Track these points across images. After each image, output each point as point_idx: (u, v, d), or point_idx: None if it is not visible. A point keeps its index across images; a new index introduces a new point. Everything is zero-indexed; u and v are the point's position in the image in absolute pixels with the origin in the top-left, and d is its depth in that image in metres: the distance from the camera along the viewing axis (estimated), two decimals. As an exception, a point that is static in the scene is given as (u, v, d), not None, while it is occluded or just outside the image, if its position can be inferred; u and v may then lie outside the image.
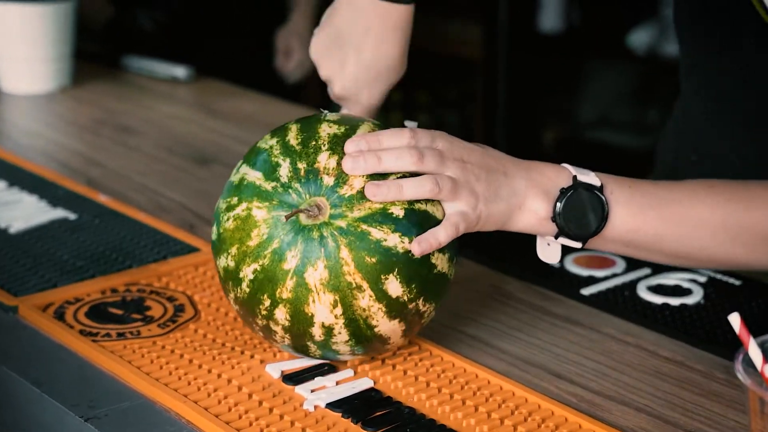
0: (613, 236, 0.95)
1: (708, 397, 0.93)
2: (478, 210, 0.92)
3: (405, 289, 0.89)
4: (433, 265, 0.91)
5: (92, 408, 0.90)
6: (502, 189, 0.92)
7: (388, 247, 0.88)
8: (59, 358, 0.98)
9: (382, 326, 0.90)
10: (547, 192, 0.93)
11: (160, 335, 1.01)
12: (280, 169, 0.90)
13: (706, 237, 0.95)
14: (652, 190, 0.95)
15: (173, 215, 1.30)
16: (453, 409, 0.90)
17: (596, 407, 0.92)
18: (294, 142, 0.91)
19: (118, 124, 1.65)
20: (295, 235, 0.88)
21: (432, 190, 0.90)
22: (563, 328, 1.05)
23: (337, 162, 0.90)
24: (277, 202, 0.89)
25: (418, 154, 0.90)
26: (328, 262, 0.88)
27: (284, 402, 0.91)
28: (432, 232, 0.90)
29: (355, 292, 0.88)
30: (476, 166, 0.92)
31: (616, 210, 0.94)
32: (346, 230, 0.88)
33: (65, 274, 1.12)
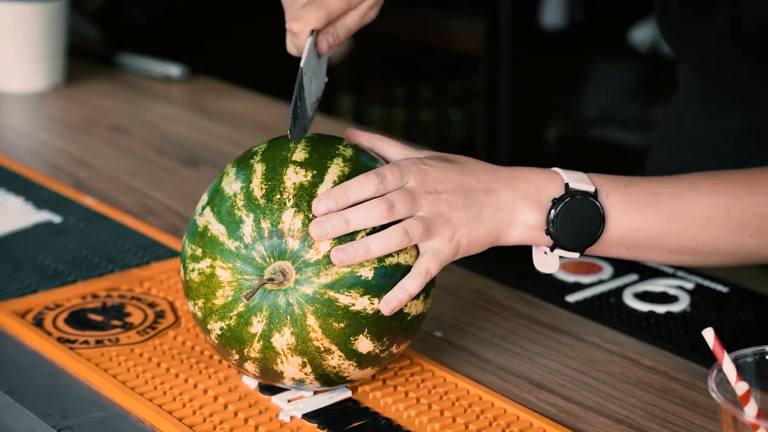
0: (612, 241, 0.92)
1: (689, 408, 0.92)
2: (455, 241, 0.88)
3: (376, 344, 0.87)
4: (406, 314, 0.88)
5: (65, 418, 0.89)
6: (484, 210, 0.89)
7: (357, 311, 0.85)
8: (34, 366, 0.97)
9: (354, 375, 0.89)
10: (538, 202, 0.90)
11: (138, 342, 1.00)
12: (243, 227, 0.86)
13: (710, 228, 0.92)
14: (650, 187, 0.92)
15: (159, 218, 1.29)
16: (431, 420, 0.89)
17: (576, 418, 0.90)
18: (258, 194, 0.86)
19: (109, 123, 1.64)
20: (261, 300, 0.85)
21: (401, 242, 0.86)
22: (547, 336, 1.04)
23: (302, 222, 0.85)
24: (241, 264, 0.86)
25: (387, 205, 0.86)
26: (294, 329, 0.85)
27: (260, 412, 0.90)
28: (400, 285, 0.86)
29: (324, 354, 0.86)
30: (451, 194, 0.89)
31: (613, 213, 0.91)
32: (312, 297, 0.85)
33: (46, 279, 1.12)
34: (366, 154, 0.92)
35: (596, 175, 0.92)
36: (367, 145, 0.94)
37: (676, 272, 1.14)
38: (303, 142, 0.90)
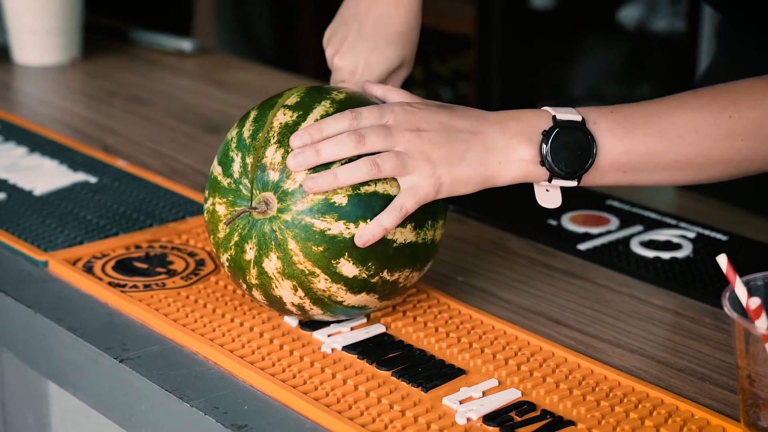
0: (607, 165, 0.94)
1: (697, 339, 1.00)
2: (435, 178, 0.92)
3: (361, 268, 0.93)
4: (391, 240, 0.93)
5: (125, 350, 0.96)
6: (471, 150, 0.92)
7: (333, 235, 0.92)
8: (90, 307, 1.04)
9: (349, 300, 0.95)
10: (529, 137, 0.93)
11: (184, 287, 1.07)
12: (233, 165, 0.94)
13: (700, 139, 0.94)
14: (636, 109, 0.95)
15: (187, 179, 1.36)
16: (461, 351, 0.97)
17: (593, 349, 0.98)
18: (246, 135, 0.95)
19: (128, 94, 1.71)
20: (250, 229, 0.94)
21: (369, 171, 0.90)
22: (561, 280, 1.12)
23: (282, 156, 0.92)
24: (232, 198, 0.94)
25: (356, 137, 0.91)
26: (279, 253, 0.93)
27: (303, 346, 0.97)
28: (376, 220, 0.91)
29: (310, 277, 0.93)
30: (435, 132, 0.92)
31: (603, 138, 0.94)
32: (291, 223, 0.92)
33: (90, 232, 1.19)
34: (362, 100, 0.97)
35: (585, 107, 0.96)
36: (381, 97, 1.00)
37: (678, 223, 1.22)
38: (302, 89, 0.98)
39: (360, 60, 1.09)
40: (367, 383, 0.92)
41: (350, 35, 1.10)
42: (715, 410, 0.88)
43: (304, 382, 0.92)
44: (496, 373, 0.93)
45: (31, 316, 1.03)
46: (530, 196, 1.10)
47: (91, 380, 0.98)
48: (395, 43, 1.10)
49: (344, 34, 1.11)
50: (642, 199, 1.29)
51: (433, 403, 0.89)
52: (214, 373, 0.93)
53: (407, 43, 1.11)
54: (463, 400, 0.89)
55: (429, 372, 0.93)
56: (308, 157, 0.91)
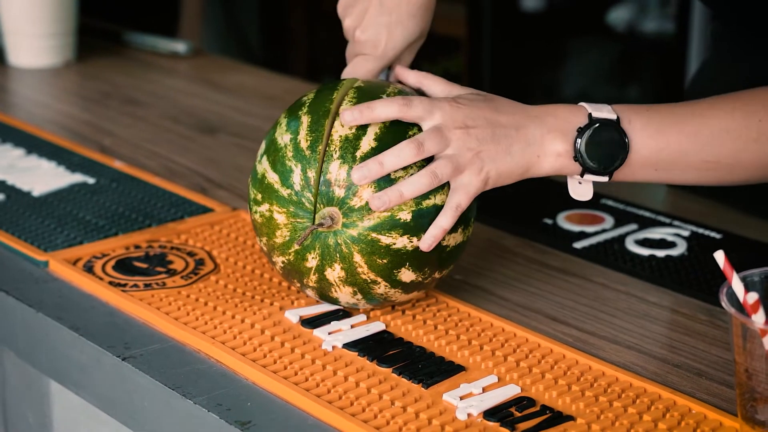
0: (638, 162, 0.98)
1: (692, 336, 1.01)
2: (484, 173, 0.96)
3: (418, 274, 0.98)
4: (445, 246, 0.98)
5: (128, 349, 0.97)
6: (514, 145, 0.97)
7: (398, 248, 0.96)
8: (91, 306, 1.05)
9: (401, 299, 1.01)
10: (565, 133, 0.97)
11: (184, 286, 1.08)
12: (292, 176, 0.96)
13: (731, 141, 0.97)
14: (670, 110, 0.98)
15: (185, 179, 1.37)
16: (460, 348, 0.98)
17: (591, 346, 1.00)
18: (304, 145, 0.96)
19: (124, 96, 1.72)
20: (314, 240, 0.97)
21: (431, 183, 0.94)
22: (558, 278, 1.13)
23: (346, 173, 0.95)
24: (293, 209, 0.97)
25: (416, 144, 0.94)
26: (343, 264, 0.96)
27: (304, 343, 0.98)
28: (435, 223, 0.95)
29: (372, 285, 0.97)
30: (481, 128, 0.96)
31: (637, 136, 0.97)
32: (357, 238, 0.95)
33: (89, 232, 1.19)
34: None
35: (620, 105, 0.99)
36: (415, 85, 1.03)
37: (672, 221, 1.23)
38: (350, 92, 0.99)
39: (382, 33, 1.09)
40: (369, 380, 0.93)
41: (371, 7, 1.10)
42: (712, 405, 0.89)
43: (306, 379, 0.92)
44: (495, 370, 0.94)
45: (32, 315, 1.04)
46: (526, 196, 1.12)
47: (93, 379, 0.99)
48: (416, 15, 1.10)
49: (365, 6, 1.11)
50: (636, 198, 1.31)
51: (434, 399, 0.90)
52: (216, 371, 0.94)
53: (427, 14, 1.12)
54: (464, 396, 0.90)
55: (429, 369, 0.94)
56: (372, 170, 0.94)
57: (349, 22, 1.12)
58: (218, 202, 1.28)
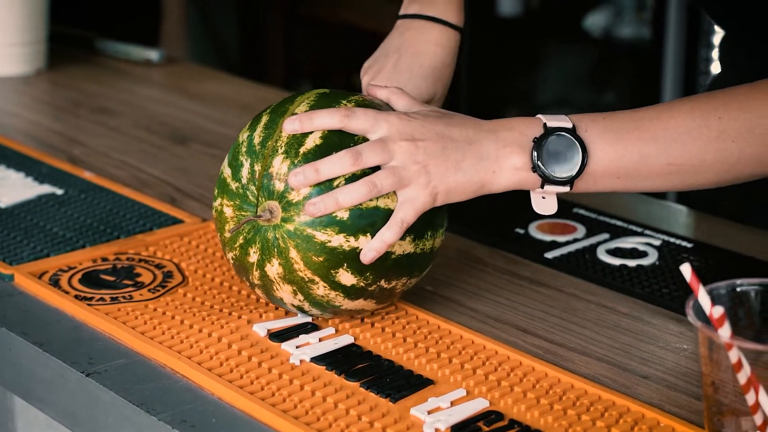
0: (599, 170, 0.96)
1: (662, 347, 1.01)
2: (431, 187, 0.94)
3: (359, 278, 0.96)
4: (389, 252, 0.96)
5: (92, 364, 0.96)
6: (465, 160, 0.95)
7: (333, 247, 0.95)
8: (56, 320, 1.04)
9: (347, 305, 0.99)
10: (521, 146, 0.96)
11: (151, 299, 1.07)
12: (242, 170, 0.97)
13: (692, 141, 0.95)
14: (628, 116, 0.97)
15: (155, 189, 1.36)
16: (429, 361, 0.97)
17: (560, 358, 0.99)
18: (256, 141, 0.97)
19: (95, 105, 1.70)
20: (255, 234, 0.97)
21: (368, 192, 0.94)
22: (529, 288, 1.12)
23: (288, 167, 0.95)
24: (239, 202, 0.97)
25: (353, 154, 0.94)
26: (281, 260, 0.96)
27: (271, 357, 0.97)
28: (378, 235, 0.94)
29: (310, 284, 0.96)
30: (430, 142, 0.95)
31: (595, 144, 0.96)
32: (293, 233, 0.95)
33: (56, 244, 1.18)
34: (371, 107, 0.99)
35: (578, 114, 0.98)
36: (385, 100, 1.03)
37: (644, 231, 1.23)
38: (313, 96, 1.00)
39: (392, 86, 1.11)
40: (336, 394, 0.92)
41: (387, 66, 1.14)
42: (681, 418, 0.89)
43: (273, 394, 0.92)
44: (464, 383, 0.94)
45: (-3, 330, 1.03)
46: (498, 205, 1.11)
47: (57, 395, 0.98)
48: (428, 77, 1.14)
49: (381, 65, 1.15)
50: (609, 207, 1.30)
51: (401, 413, 0.89)
52: (181, 386, 0.93)
53: (439, 78, 1.15)
54: (431, 411, 0.89)
55: (397, 382, 0.93)
56: (308, 176, 0.94)
57: (365, 80, 1.15)
58: (188, 213, 1.26)
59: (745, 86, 0.97)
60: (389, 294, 1.00)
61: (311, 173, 0.94)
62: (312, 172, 0.94)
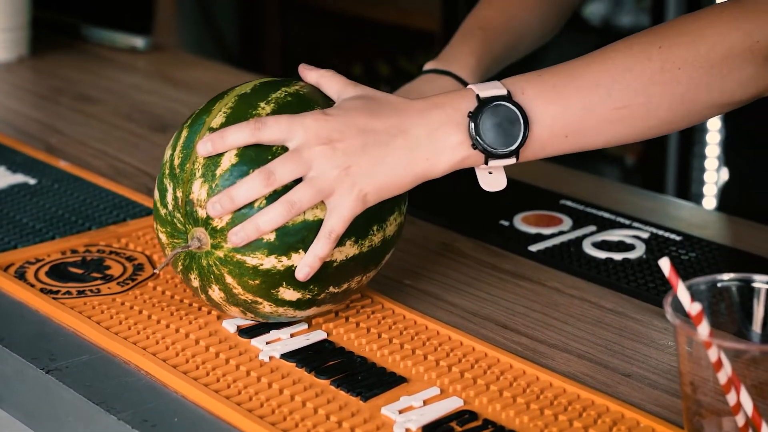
0: (544, 133, 0.90)
1: (645, 343, 0.97)
2: (357, 191, 0.88)
3: (303, 292, 0.92)
4: (330, 261, 0.91)
5: (53, 360, 0.92)
6: (391, 153, 0.89)
7: (267, 269, 0.90)
8: (19, 314, 1.00)
9: (301, 314, 0.95)
10: (456, 123, 0.89)
11: (119, 293, 1.03)
12: (167, 195, 0.93)
13: (636, 78, 0.89)
14: (564, 68, 0.91)
15: (132, 179, 1.33)
16: (403, 358, 0.93)
17: (540, 355, 0.95)
18: (176, 163, 0.92)
19: (77, 92, 1.67)
20: (191, 261, 0.93)
21: (289, 213, 0.88)
22: (511, 282, 1.09)
23: (207, 193, 0.90)
24: (170, 230, 0.93)
25: (265, 174, 0.88)
26: (219, 285, 0.92)
27: (240, 354, 0.94)
28: (310, 251, 0.89)
29: (254, 305, 0.93)
30: (350, 140, 0.88)
31: (534, 105, 0.89)
32: (224, 260, 0.91)
33: (25, 236, 1.15)
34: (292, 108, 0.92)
35: (510, 78, 0.91)
36: (315, 83, 0.96)
37: (632, 223, 1.19)
38: (230, 103, 0.93)
39: None
40: (305, 393, 0.88)
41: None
42: (662, 417, 0.85)
43: (239, 393, 0.88)
44: (438, 381, 0.90)
45: (-42, 324, 1.00)
46: (481, 193, 1.07)
47: (17, 392, 0.94)
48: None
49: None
50: (597, 198, 1.26)
51: (372, 413, 0.86)
52: (144, 384, 0.90)
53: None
54: (403, 410, 0.86)
55: (369, 380, 0.90)
56: (225, 205, 0.89)
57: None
58: (163, 204, 1.23)
59: (681, 16, 0.92)
60: (345, 294, 0.96)
61: (227, 202, 0.88)
62: (227, 200, 0.88)
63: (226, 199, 0.89)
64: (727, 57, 0.89)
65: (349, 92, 0.93)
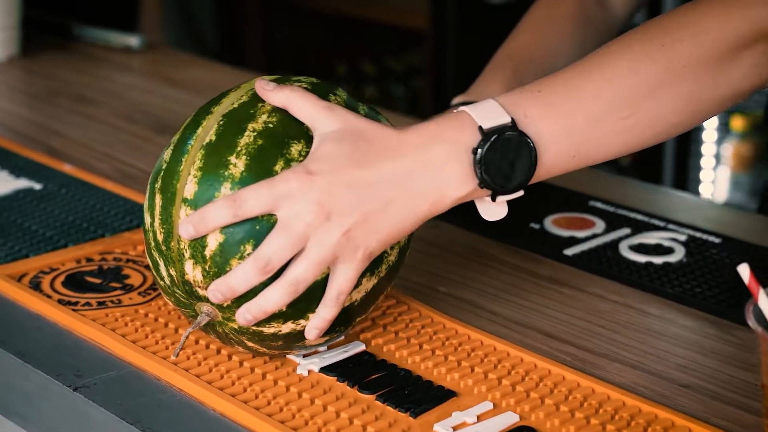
0: (552, 157, 0.83)
1: (700, 352, 0.93)
2: (361, 252, 0.82)
3: (327, 338, 0.89)
4: (351, 302, 0.87)
5: (79, 377, 0.87)
6: (392, 205, 0.81)
7: (286, 333, 0.86)
8: (38, 327, 0.95)
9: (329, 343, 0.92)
10: (459, 160, 0.82)
11: (141, 303, 0.98)
12: (161, 269, 0.87)
13: (637, 83, 0.83)
14: (560, 80, 0.84)
15: (140, 183, 1.27)
16: (449, 371, 0.89)
17: (590, 365, 0.91)
18: (160, 238, 0.86)
19: (73, 93, 1.61)
20: (207, 328, 0.88)
21: (294, 293, 0.81)
22: (550, 288, 1.04)
23: (202, 275, 0.84)
24: (174, 300, 0.88)
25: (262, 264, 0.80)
26: (242, 348, 0.89)
27: (276, 368, 0.89)
28: (317, 315, 0.84)
29: (284, 352, 0.89)
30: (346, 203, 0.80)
31: (540, 130, 0.82)
32: (240, 331, 0.86)
33: (36, 244, 1.09)
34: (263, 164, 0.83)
35: (506, 96, 0.83)
36: (282, 106, 0.85)
37: (667, 225, 1.15)
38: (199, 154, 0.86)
39: None
40: (350, 409, 0.83)
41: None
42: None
43: (281, 410, 0.83)
44: (489, 395, 0.85)
45: (-28, 339, 0.94)
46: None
47: (41, 410, 0.89)
48: None
49: None
50: (626, 200, 1.22)
51: (424, 429, 0.81)
52: (179, 401, 0.85)
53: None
54: (457, 426, 0.81)
55: (417, 395, 0.85)
56: (225, 293, 0.82)
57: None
58: (177, 209, 1.17)
59: (678, 7, 0.86)
60: (365, 318, 0.91)
61: (227, 290, 0.82)
62: (227, 289, 0.82)
63: (226, 289, 0.82)
64: (732, 47, 0.84)
65: (325, 122, 0.83)
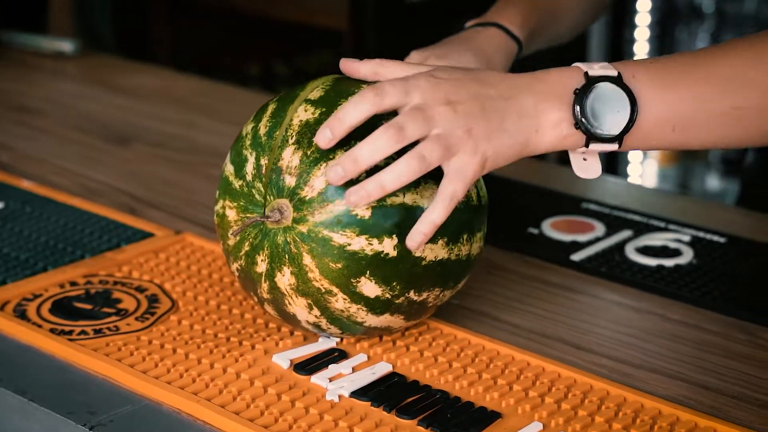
0: (652, 121, 0.83)
1: (737, 359, 0.90)
2: (480, 155, 0.81)
3: (384, 288, 0.83)
4: (419, 258, 0.83)
5: (93, 414, 0.80)
6: (507, 119, 0.82)
7: (354, 251, 0.81)
8: (34, 361, 0.87)
9: (371, 321, 0.85)
10: (560, 98, 0.82)
11: (142, 329, 0.91)
12: (246, 165, 0.84)
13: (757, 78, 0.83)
14: (679, 58, 0.85)
15: (107, 198, 1.19)
16: (486, 389, 0.84)
17: (629, 377, 0.87)
18: (262, 131, 0.84)
19: (13, 104, 1.51)
20: (263, 239, 0.83)
21: (420, 169, 0.79)
22: (563, 296, 1.00)
23: (300, 159, 0.81)
24: (244, 203, 0.84)
25: (395, 129, 0.79)
26: (293, 268, 0.82)
27: (303, 394, 0.83)
28: (425, 216, 0.80)
29: (327, 296, 0.83)
30: (468, 103, 0.81)
31: (645, 91, 0.83)
32: (307, 236, 0.81)
33: (12, 268, 1.01)
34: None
35: (621, 61, 0.85)
36: (370, 77, 0.86)
37: (668, 225, 1.12)
38: (327, 81, 0.86)
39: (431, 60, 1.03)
40: (393, 436, 0.78)
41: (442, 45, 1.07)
42: (793, 443, 0.78)
43: (320, 441, 0.77)
44: (536, 415, 0.81)
45: (-39, 376, 0.86)
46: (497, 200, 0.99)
47: (51, 453, 0.81)
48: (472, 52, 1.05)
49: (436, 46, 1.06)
50: (618, 199, 1.19)
51: (476, 455, 0.76)
52: (208, 437, 0.78)
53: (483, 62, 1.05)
54: (511, 451, 0.77)
55: (461, 418, 0.80)
56: (348, 169, 0.79)
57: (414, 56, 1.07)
58: (156, 225, 1.10)
59: None
60: (419, 308, 0.86)
61: (349, 165, 0.79)
62: (350, 162, 0.79)
63: (349, 162, 0.79)
64: None
65: (413, 69, 0.85)
